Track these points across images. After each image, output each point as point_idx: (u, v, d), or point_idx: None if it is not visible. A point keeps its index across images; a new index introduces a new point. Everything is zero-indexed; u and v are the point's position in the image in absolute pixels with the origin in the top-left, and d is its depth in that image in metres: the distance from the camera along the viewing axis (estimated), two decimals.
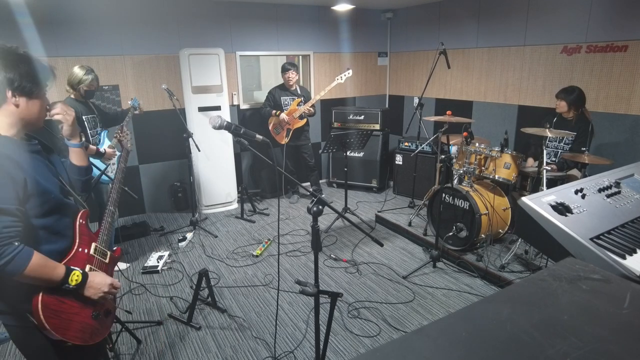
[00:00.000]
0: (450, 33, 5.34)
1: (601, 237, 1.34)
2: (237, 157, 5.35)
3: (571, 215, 1.37)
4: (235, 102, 5.39)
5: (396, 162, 5.44)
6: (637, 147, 3.75)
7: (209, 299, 3.06)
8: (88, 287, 1.45)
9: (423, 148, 4.91)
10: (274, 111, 4.99)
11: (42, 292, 1.35)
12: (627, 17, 3.67)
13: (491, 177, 3.68)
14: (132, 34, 4.59)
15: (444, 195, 3.77)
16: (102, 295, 1.50)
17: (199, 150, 4.37)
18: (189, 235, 4.32)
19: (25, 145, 1.41)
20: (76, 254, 1.50)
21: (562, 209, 1.38)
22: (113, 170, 3.55)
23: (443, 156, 3.76)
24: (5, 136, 1.35)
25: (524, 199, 1.42)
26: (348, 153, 4.53)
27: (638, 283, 1.09)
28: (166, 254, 3.90)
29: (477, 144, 3.75)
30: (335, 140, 4.33)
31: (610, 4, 3.77)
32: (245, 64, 5.78)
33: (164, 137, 4.94)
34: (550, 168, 3.46)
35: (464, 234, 3.63)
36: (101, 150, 3.40)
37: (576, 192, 1.49)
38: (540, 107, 4.44)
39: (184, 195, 5.17)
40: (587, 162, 3.22)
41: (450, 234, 3.73)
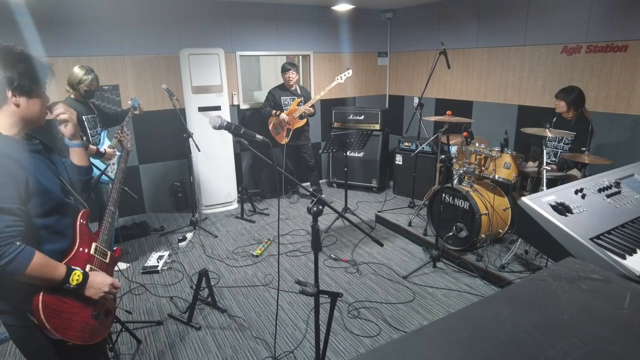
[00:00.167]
0: (450, 33, 5.34)
1: (601, 237, 1.34)
2: (237, 157, 5.35)
3: (571, 215, 1.37)
4: (235, 102, 5.39)
5: (396, 162, 5.44)
6: (637, 147, 3.75)
7: (209, 299, 3.06)
8: (89, 287, 1.46)
9: (423, 148, 4.91)
10: (274, 111, 4.99)
11: (42, 291, 1.35)
12: (627, 17, 3.67)
13: (491, 177, 3.68)
14: (132, 34, 4.59)
15: (444, 195, 3.77)
16: (103, 295, 1.50)
17: (199, 150, 4.37)
18: (189, 235, 4.32)
19: (26, 144, 1.40)
20: (77, 253, 1.50)
21: (562, 209, 1.38)
22: (113, 170, 3.55)
23: (443, 156, 3.76)
24: (7, 136, 1.34)
25: (524, 199, 1.42)
26: (348, 153, 4.53)
27: (638, 283, 1.09)
28: (166, 254, 3.90)
29: (477, 144, 3.75)
30: (335, 140, 4.33)
31: (610, 4, 3.77)
32: (245, 64, 5.78)
33: (164, 137, 4.94)
34: (550, 168, 3.46)
35: (464, 234, 3.63)
36: (101, 150, 3.40)
37: (576, 192, 1.49)
38: (540, 107, 4.44)
39: (184, 195, 5.17)
40: (587, 162, 3.22)
41: (450, 234, 3.73)
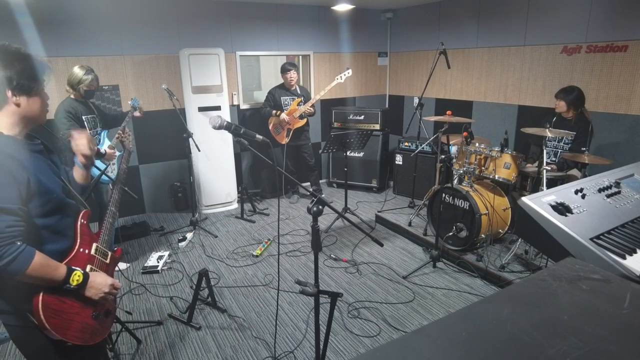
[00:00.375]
0: (450, 33, 5.34)
1: (601, 237, 1.34)
2: (237, 157, 5.35)
3: (571, 215, 1.37)
4: (235, 102, 5.39)
5: (396, 162, 5.44)
6: (637, 147, 3.75)
7: (209, 299, 3.06)
8: (89, 287, 1.46)
9: (423, 148, 4.91)
10: (274, 111, 4.99)
11: (42, 291, 1.35)
12: (627, 17, 3.67)
13: (491, 177, 3.68)
14: (132, 34, 4.59)
15: (444, 195, 3.77)
16: (103, 296, 1.50)
17: (199, 150, 4.37)
18: (189, 235, 4.32)
19: (27, 144, 1.40)
20: (77, 254, 1.50)
21: (562, 209, 1.38)
22: (113, 171, 3.55)
23: (443, 156, 3.76)
24: (8, 135, 1.34)
25: (524, 199, 1.42)
26: (348, 153, 4.53)
27: (638, 283, 1.09)
28: (166, 254, 3.90)
29: (477, 144, 3.75)
30: (335, 140, 4.33)
31: (610, 4, 3.77)
32: (245, 64, 5.78)
33: (164, 137, 4.94)
34: (550, 168, 3.46)
35: (464, 234, 3.63)
36: (102, 151, 3.40)
37: (576, 192, 1.49)
38: (540, 107, 4.44)
39: (184, 195, 5.17)
40: (587, 162, 3.22)
41: (450, 234, 3.73)
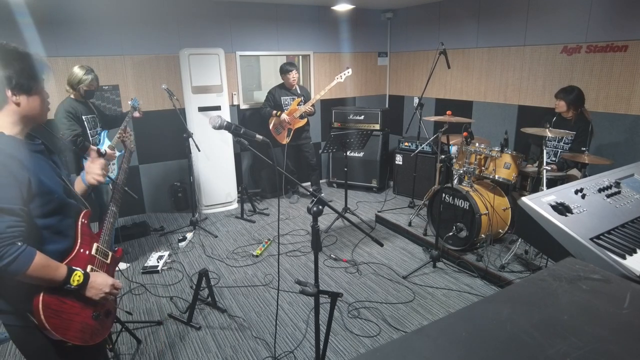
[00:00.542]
0: (450, 33, 5.34)
1: (601, 237, 1.34)
2: (237, 157, 5.35)
3: (571, 215, 1.37)
4: (235, 102, 5.39)
5: (396, 162, 5.44)
6: (637, 147, 3.75)
7: (209, 299, 3.06)
8: (89, 287, 1.45)
9: (423, 148, 4.91)
10: (274, 111, 4.99)
11: (43, 292, 1.35)
12: (627, 17, 3.67)
13: (491, 177, 3.68)
14: (132, 34, 4.59)
15: (444, 195, 3.77)
16: (104, 296, 1.50)
17: (199, 150, 4.36)
18: (189, 235, 4.32)
19: (28, 144, 1.40)
20: (78, 254, 1.50)
21: (562, 209, 1.38)
22: (113, 170, 3.55)
23: (443, 156, 3.76)
24: (9, 135, 1.34)
25: (524, 199, 1.42)
26: (348, 153, 4.53)
27: (638, 283, 1.09)
28: (166, 254, 3.90)
29: (477, 144, 3.75)
30: (335, 140, 4.32)
31: (610, 4, 3.77)
32: (245, 64, 5.78)
33: (164, 137, 4.94)
34: (550, 168, 3.46)
35: (464, 234, 3.63)
36: (102, 151, 3.39)
37: (576, 192, 1.49)
38: (540, 107, 4.44)
39: (184, 195, 5.17)
40: (587, 162, 3.22)
41: (450, 234, 3.73)
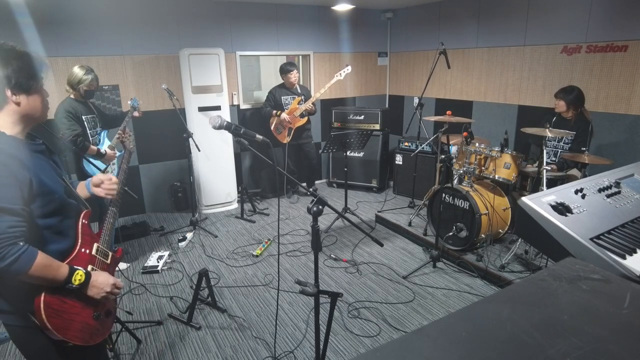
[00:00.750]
0: (450, 33, 5.34)
1: (601, 237, 1.34)
2: (237, 157, 5.35)
3: (571, 215, 1.37)
4: (235, 102, 5.39)
5: (396, 162, 5.43)
6: (637, 147, 3.75)
7: (209, 299, 3.06)
8: (91, 286, 1.46)
9: (423, 148, 4.91)
10: (274, 111, 4.99)
11: (44, 291, 1.35)
12: (627, 17, 3.67)
13: (491, 177, 3.68)
14: (132, 34, 4.59)
15: (444, 195, 3.77)
16: (105, 295, 1.50)
17: (199, 150, 4.36)
18: (189, 235, 4.32)
19: (29, 144, 1.40)
20: (78, 254, 1.50)
21: (562, 209, 1.38)
22: (113, 171, 3.55)
23: (443, 156, 3.76)
24: (10, 135, 1.34)
25: (524, 199, 1.42)
26: (348, 153, 4.53)
27: (638, 283, 1.09)
28: (166, 254, 3.90)
29: (477, 144, 3.75)
30: (335, 140, 4.32)
31: (610, 4, 3.77)
32: (245, 64, 5.77)
33: (164, 137, 4.94)
34: (550, 168, 3.46)
35: (464, 234, 3.63)
36: (102, 151, 3.40)
37: (576, 192, 1.49)
38: (541, 107, 4.44)
39: (184, 195, 5.17)
40: (587, 162, 3.22)
41: (450, 234, 3.73)
